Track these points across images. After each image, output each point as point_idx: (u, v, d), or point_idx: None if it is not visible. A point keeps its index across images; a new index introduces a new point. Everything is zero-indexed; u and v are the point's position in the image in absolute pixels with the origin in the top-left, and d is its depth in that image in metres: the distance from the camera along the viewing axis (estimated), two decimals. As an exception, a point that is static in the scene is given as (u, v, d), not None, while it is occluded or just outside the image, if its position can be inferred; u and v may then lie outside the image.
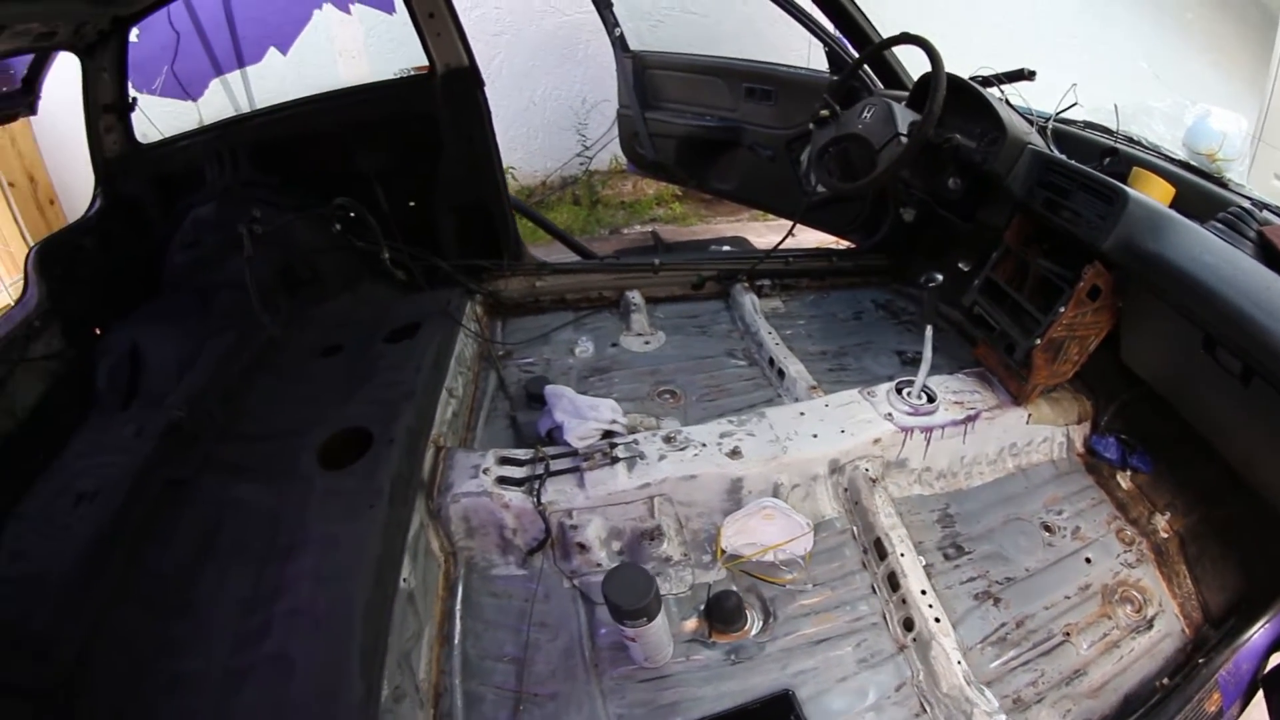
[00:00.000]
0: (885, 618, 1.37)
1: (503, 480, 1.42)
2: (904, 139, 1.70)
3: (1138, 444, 1.72)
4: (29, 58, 2.15)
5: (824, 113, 1.87)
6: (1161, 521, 1.57)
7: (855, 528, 1.52)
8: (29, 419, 2.14)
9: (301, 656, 1.15)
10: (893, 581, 1.38)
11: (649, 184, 4.83)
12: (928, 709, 1.23)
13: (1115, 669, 1.31)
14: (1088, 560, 1.51)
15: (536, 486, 1.41)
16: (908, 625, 1.33)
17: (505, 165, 4.36)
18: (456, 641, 1.30)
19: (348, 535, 1.30)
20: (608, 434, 1.60)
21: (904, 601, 1.34)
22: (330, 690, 1.08)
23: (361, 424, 1.50)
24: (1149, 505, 1.63)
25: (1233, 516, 1.51)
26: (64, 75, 2.17)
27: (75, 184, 5.78)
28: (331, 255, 2.12)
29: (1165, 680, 1.29)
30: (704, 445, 1.50)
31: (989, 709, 1.16)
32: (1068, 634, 1.36)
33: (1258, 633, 1.21)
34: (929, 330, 1.58)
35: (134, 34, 2.22)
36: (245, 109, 2.58)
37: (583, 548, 1.42)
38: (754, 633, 1.32)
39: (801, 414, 1.61)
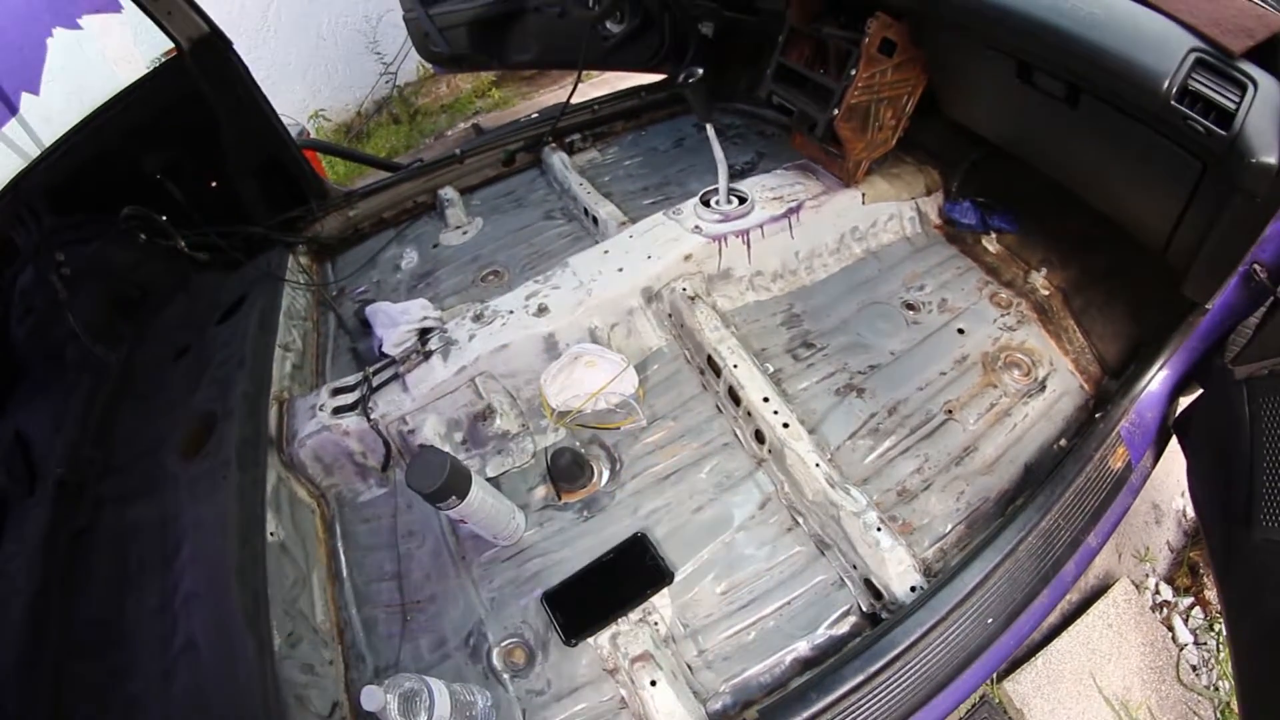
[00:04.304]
0: (736, 435, 1.32)
1: (337, 410, 1.39)
2: None
3: (998, 205, 1.64)
4: None
5: None
6: (1039, 278, 1.51)
7: (686, 351, 1.46)
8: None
9: (201, 635, 1.18)
10: (734, 396, 1.32)
11: (464, 79, 4.58)
12: (799, 520, 1.19)
13: (1009, 439, 1.26)
14: (960, 331, 1.44)
15: (364, 406, 1.37)
16: (759, 438, 1.27)
17: (314, 109, 4.24)
18: (345, 575, 1.30)
19: (210, 510, 1.30)
20: (424, 334, 1.52)
21: (749, 414, 1.28)
22: (229, 655, 1.10)
23: (206, 408, 1.46)
24: (1023, 264, 1.56)
25: (1112, 260, 1.44)
26: None
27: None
28: (150, 265, 1.98)
29: (1064, 442, 1.22)
30: (511, 312, 1.44)
31: (855, 508, 1.11)
32: (950, 411, 1.30)
33: (1156, 378, 1.16)
34: (710, 130, 1.45)
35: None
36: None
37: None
38: (603, 483, 1.28)
39: (606, 252, 1.55)
